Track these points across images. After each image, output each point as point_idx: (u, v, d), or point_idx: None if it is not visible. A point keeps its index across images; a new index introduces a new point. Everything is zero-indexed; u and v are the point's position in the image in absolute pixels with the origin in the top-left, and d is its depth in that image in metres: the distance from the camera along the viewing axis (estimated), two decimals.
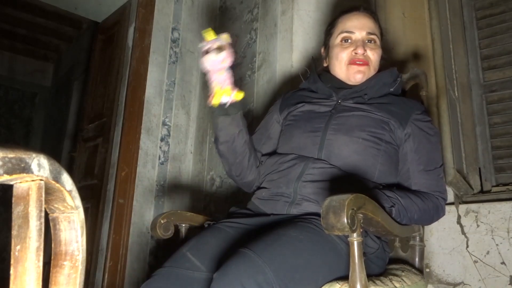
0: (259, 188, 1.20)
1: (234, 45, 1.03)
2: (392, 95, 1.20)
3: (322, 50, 1.32)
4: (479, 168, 1.67)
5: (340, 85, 1.21)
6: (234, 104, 1.09)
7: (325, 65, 1.30)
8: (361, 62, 1.18)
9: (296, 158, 1.11)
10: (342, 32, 1.21)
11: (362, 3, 1.83)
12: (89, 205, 2.36)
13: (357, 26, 1.20)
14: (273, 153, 1.24)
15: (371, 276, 0.96)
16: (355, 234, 0.76)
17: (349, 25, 1.21)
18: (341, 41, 1.21)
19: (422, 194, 1.06)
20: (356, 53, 1.18)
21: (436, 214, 1.08)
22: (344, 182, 1.04)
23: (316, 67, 1.30)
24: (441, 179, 1.11)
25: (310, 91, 1.27)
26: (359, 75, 1.18)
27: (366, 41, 1.19)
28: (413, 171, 1.10)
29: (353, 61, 1.18)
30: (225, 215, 1.20)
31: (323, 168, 1.06)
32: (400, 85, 1.23)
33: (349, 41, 1.20)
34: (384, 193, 0.98)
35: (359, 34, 1.19)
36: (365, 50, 1.17)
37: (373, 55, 1.19)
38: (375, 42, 1.21)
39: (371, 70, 1.20)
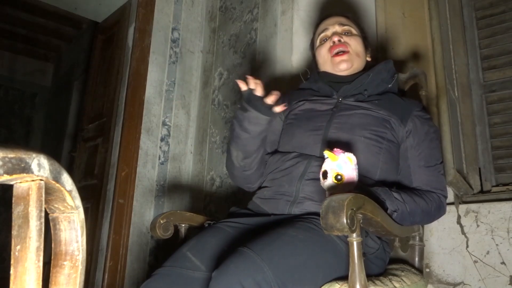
0: (260, 187, 1.20)
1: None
2: (391, 93, 1.20)
3: (313, 62, 1.36)
4: (479, 168, 1.67)
5: (337, 79, 1.23)
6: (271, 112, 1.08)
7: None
8: (341, 51, 1.22)
9: (299, 156, 1.11)
10: (319, 35, 1.29)
11: (361, 3, 1.83)
12: (89, 205, 2.36)
13: (329, 24, 1.28)
14: (275, 151, 1.24)
15: (370, 276, 0.96)
16: (354, 234, 0.76)
17: (322, 27, 1.29)
18: (320, 42, 1.28)
19: (425, 194, 1.06)
20: (333, 42, 1.23)
21: (437, 213, 1.08)
22: None
23: (315, 69, 1.32)
24: (441, 176, 1.12)
25: (310, 90, 1.28)
26: (343, 64, 1.22)
27: (342, 33, 1.25)
28: (413, 168, 1.10)
29: (332, 51, 1.22)
30: (226, 215, 1.20)
31: None
32: (396, 82, 1.23)
33: (326, 39, 1.27)
34: (392, 194, 0.97)
35: (332, 29, 1.26)
36: (341, 37, 1.23)
37: (351, 41, 1.23)
38: (350, 32, 1.26)
39: (354, 56, 1.23)
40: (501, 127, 1.68)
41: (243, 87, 1.06)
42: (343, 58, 1.21)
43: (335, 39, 1.22)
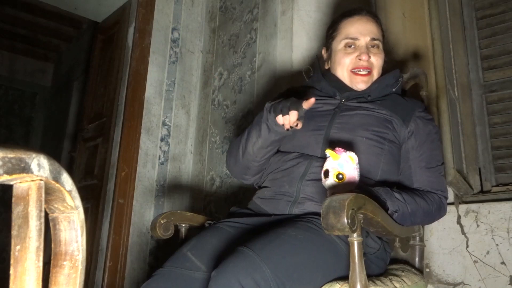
0: (261, 187, 1.20)
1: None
2: (394, 94, 1.20)
3: (324, 51, 1.31)
4: (479, 168, 1.67)
5: (343, 87, 1.21)
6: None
7: (326, 67, 1.28)
8: (364, 72, 1.17)
9: (300, 157, 1.10)
10: (345, 38, 1.19)
11: (362, 3, 1.83)
12: (89, 205, 2.36)
13: (362, 32, 1.18)
14: (276, 151, 1.24)
15: (371, 276, 0.96)
16: (355, 234, 0.76)
17: (352, 31, 1.19)
18: (345, 46, 1.19)
19: (426, 195, 1.05)
20: (360, 59, 1.16)
21: (438, 214, 1.08)
22: None
23: (320, 66, 1.29)
24: (442, 177, 1.12)
25: (312, 88, 1.27)
26: (362, 84, 1.18)
27: (370, 46, 1.18)
28: (414, 169, 1.10)
29: (356, 69, 1.17)
30: (226, 214, 1.20)
31: None
32: (401, 85, 1.23)
33: (353, 46, 1.19)
34: (393, 194, 0.97)
35: (363, 40, 1.18)
36: (369, 57, 1.16)
37: (377, 60, 1.18)
38: (378, 47, 1.19)
39: (375, 75, 1.19)
40: (501, 127, 1.68)
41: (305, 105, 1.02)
42: (364, 79, 1.17)
43: (364, 57, 1.16)
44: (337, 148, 0.89)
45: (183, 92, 2.46)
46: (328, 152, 0.88)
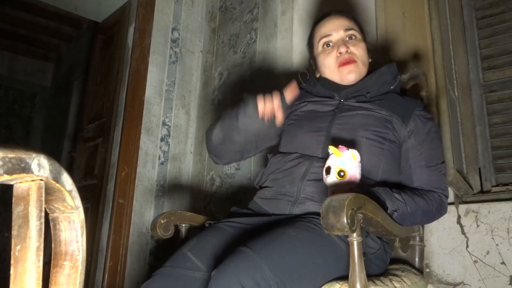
0: (261, 187, 1.20)
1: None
2: (393, 93, 1.20)
3: (311, 62, 1.33)
4: (479, 168, 1.67)
5: (338, 88, 1.21)
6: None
7: (317, 75, 1.30)
8: (348, 61, 1.18)
9: (300, 157, 1.11)
10: (321, 39, 1.23)
11: (361, 2, 1.83)
12: (89, 205, 2.36)
13: (333, 28, 1.22)
14: (276, 152, 1.24)
15: (371, 276, 0.96)
16: (355, 234, 0.76)
17: (324, 30, 1.23)
18: (323, 47, 1.23)
19: (426, 194, 1.05)
20: (340, 53, 1.19)
21: (438, 213, 1.08)
22: None
23: (314, 70, 1.30)
24: (442, 176, 1.11)
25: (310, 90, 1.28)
26: (351, 74, 1.19)
27: (347, 39, 1.20)
28: (414, 168, 1.10)
29: (341, 63, 1.19)
30: (226, 214, 1.20)
31: None
32: (399, 83, 1.23)
33: (330, 44, 1.22)
34: (392, 194, 0.97)
35: (337, 35, 1.21)
36: (347, 47, 1.18)
37: (357, 50, 1.20)
38: (355, 37, 1.22)
39: (361, 65, 1.20)
40: (501, 127, 1.68)
41: (289, 95, 1.05)
42: (350, 68, 1.18)
43: (342, 50, 1.18)
44: (339, 146, 0.89)
45: (183, 92, 2.46)
46: (331, 149, 0.88)
